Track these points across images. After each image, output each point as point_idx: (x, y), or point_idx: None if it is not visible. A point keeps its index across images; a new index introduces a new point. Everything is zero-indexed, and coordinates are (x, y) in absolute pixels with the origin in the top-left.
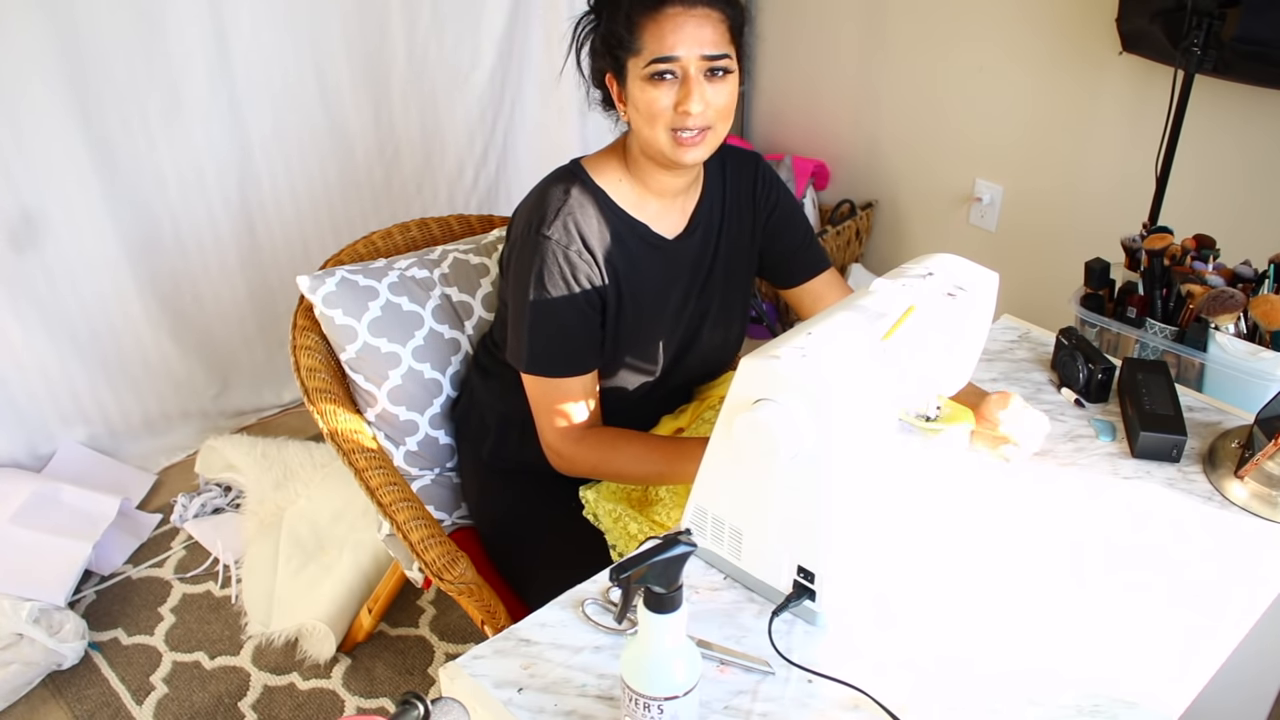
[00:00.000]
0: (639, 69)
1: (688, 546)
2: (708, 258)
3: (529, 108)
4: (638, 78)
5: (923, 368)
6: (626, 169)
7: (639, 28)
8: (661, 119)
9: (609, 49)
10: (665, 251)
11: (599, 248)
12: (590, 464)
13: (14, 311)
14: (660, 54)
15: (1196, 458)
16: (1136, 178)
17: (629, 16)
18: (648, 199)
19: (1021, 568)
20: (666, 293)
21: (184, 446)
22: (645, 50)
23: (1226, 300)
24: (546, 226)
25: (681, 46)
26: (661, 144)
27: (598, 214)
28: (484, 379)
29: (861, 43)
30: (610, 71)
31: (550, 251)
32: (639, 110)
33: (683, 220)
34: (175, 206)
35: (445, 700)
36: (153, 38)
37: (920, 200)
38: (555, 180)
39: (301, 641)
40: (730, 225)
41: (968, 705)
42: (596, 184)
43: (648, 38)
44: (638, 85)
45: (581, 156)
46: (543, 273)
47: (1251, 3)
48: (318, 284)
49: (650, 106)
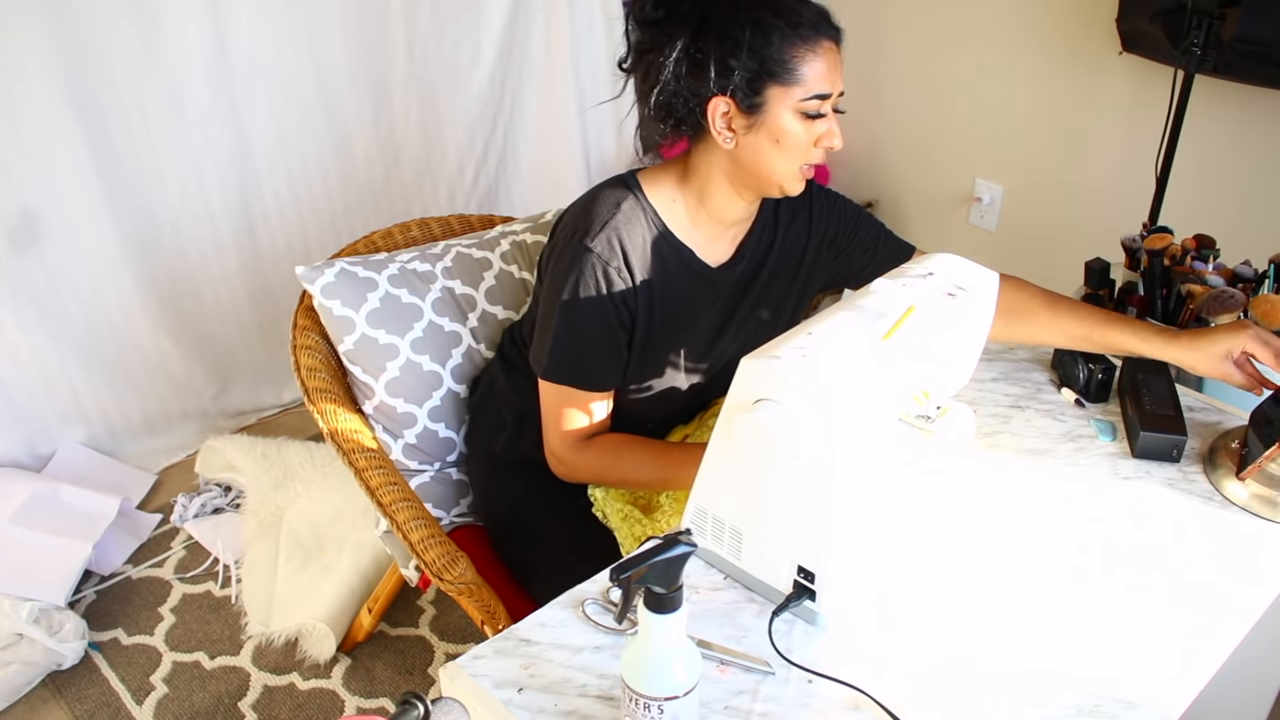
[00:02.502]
0: (789, 100)
1: (688, 546)
2: (751, 289)
3: (529, 108)
4: (786, 108)
5: (923, 368)
6: (683, 190)
7: (795, 58)
8: (803, 153)
9: (749, 75)
10: (707, 280)
11: (640, 267)
12: (593, 471)
13: (14, 311)
14: (823, 90)
15: (1196, 458)
16: (1136, 178)
17: (784, 43)
18: (701, 224)
19: (1022, 568)
20: (703, 321)
21: (184, 446)
22: (803, 84)
23: (1226, 300)
24: (590, 238)
25: (836, 83)
26: (788, 177)
27: (644, 232)
28: (508, 373)
29: (861, 43)
30: (728, 93)
31: (590, 264)
32: (778, 142)
33: (730, 249)
34: (175, 207)
35: (445, 700)
36: (153, 38)
37: (920, 200)
38: (607, 189)
39: (301, 641)
40: (784, 249)
41: (968, 705)
42: (649, 200)
43: (806, 69)
44: (784, 117)
45: (638, 169)
46: (579, 284)
47: (1251, 3)
48: (316, 274)
49: (798, 140)
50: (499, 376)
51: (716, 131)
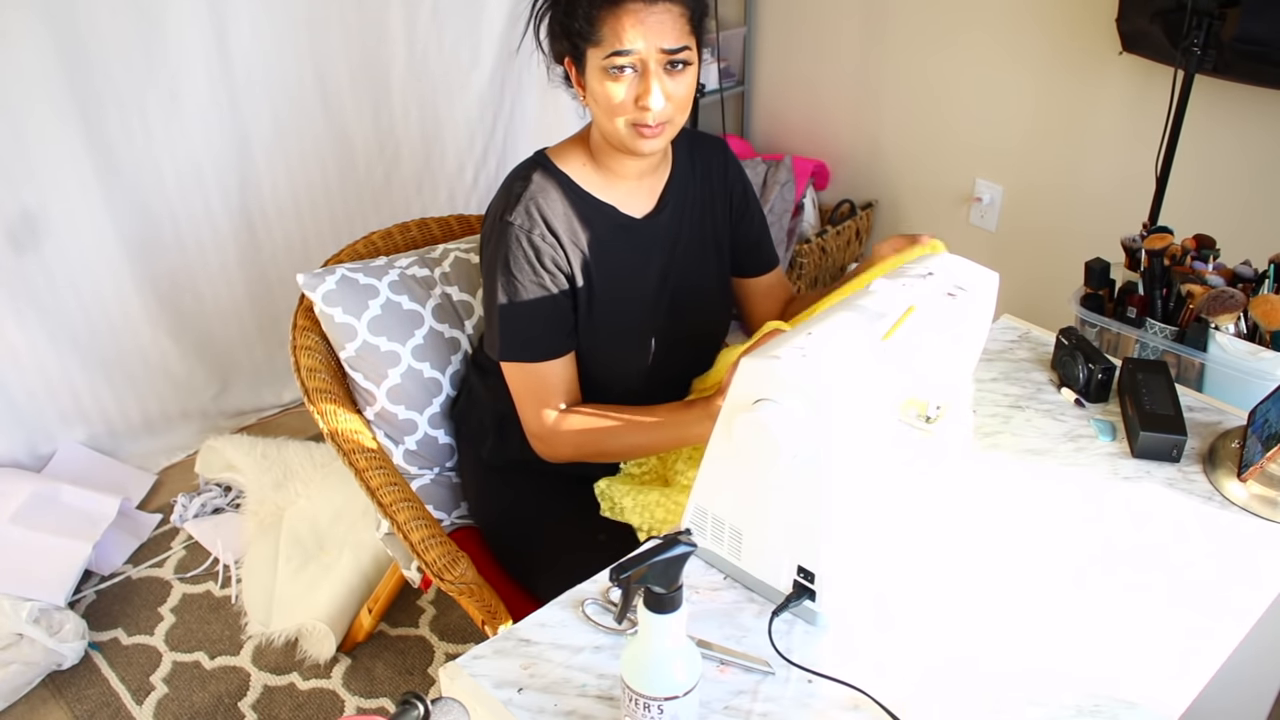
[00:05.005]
0: (597, 60)
1: (688, 546)
2: (680, 234)
3: (529, 108)
4: (596, 69)
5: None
6: (589, 154)
7: (598, 19)
8: (620, 112)
9: (567, 35)
10: (635, 231)
11: (564, 230)
12: (574, 444)
13: (14, 311)
14: (619, 47)
15: (1196, 458)
16: (1136, 178)
17: (589, 6)
18: (614, 181)
19: (1022, 568)
20: (643, 273)
21: (184, 446)
22: (604, 43)
23: (1226, 300)
24: (509, 212)
25: (641, 40)
26: (621, 135)
27: (561, 198)
28: (482, 378)
29: (861, 43)
30: (569, 56)
31: (514, 237)
32: (597, 101)
33: (651, 200)
34: (175, 206)
35: (445, 700)
36: (153, 37)
37: (920, 200)
38: (518, 171)
39: (301, 641)
40: (700, 202)
41: (968, 705)
42: (560, 169)
43: (606, 30)
44: (596, 76)
45: (545, 147)
46: (508, 258)
47: (1251, 3)
48: (317, 282)
49: (609, 100)
50: (476, 385)
51: (577, 91)
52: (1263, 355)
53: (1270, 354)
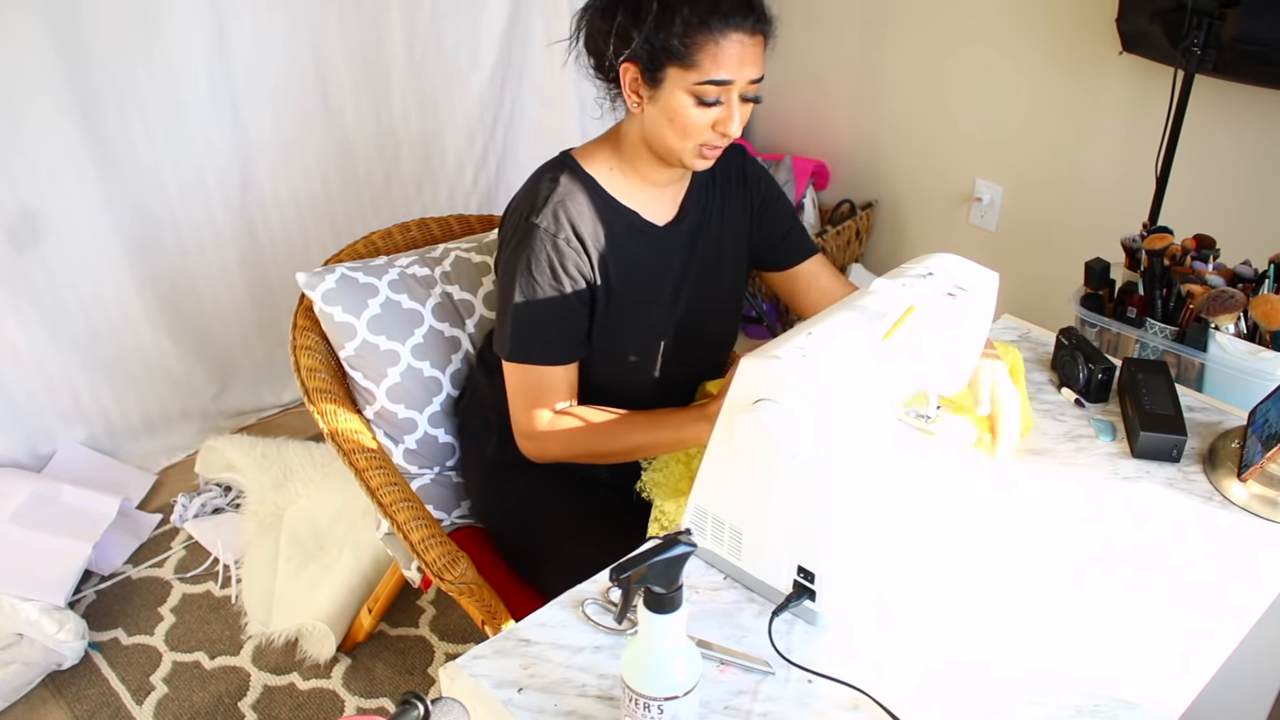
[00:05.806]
0: (685, 81)
1: (688, 546)
2: (699, 243)
3: (529, 108)
4: (681, 89)
5: (923, 367)
6: (618, 157)
7: (695, 44)
8: (697, 135)
9: (650, 47)
10: (656, 239)
11: (589, 236)
12: (563, 445)
13: (14, 311)
14: (716, 76)
15: (1196, 458)
16: (1136, 178)
17: (686, 27)
18: (639, 187)
19: (1021, 568)
20: (659, 281)
21: (184, 446)
22: (699, 67)
23: (1226, 300)
24: (536, 214)
25: (738, 70)
26: (683, 153)
27: (588, 202)
28: (489, 377)
29: (861, 43)
30: (637, 62)
31: (539, 239)
32: (671, 120)
33: (673, 208)
34: (175, 206)
35: (445, 700)
36: (153, 38)
37: (920, 200)
38: (545, 171)
39: (301, 641)
40: (721, 210)
41: (968, 705)
42: (587, 172)
43: (704, 56)
44: (677, 96)
45: (571, 148)
46: (531, 260)
47: (1251, 3)
48: (317, 281)
49: (691, 122)
50: (481, 381)
51: (627, 95)
52: (1263, 355)
53: (1270, 354)
